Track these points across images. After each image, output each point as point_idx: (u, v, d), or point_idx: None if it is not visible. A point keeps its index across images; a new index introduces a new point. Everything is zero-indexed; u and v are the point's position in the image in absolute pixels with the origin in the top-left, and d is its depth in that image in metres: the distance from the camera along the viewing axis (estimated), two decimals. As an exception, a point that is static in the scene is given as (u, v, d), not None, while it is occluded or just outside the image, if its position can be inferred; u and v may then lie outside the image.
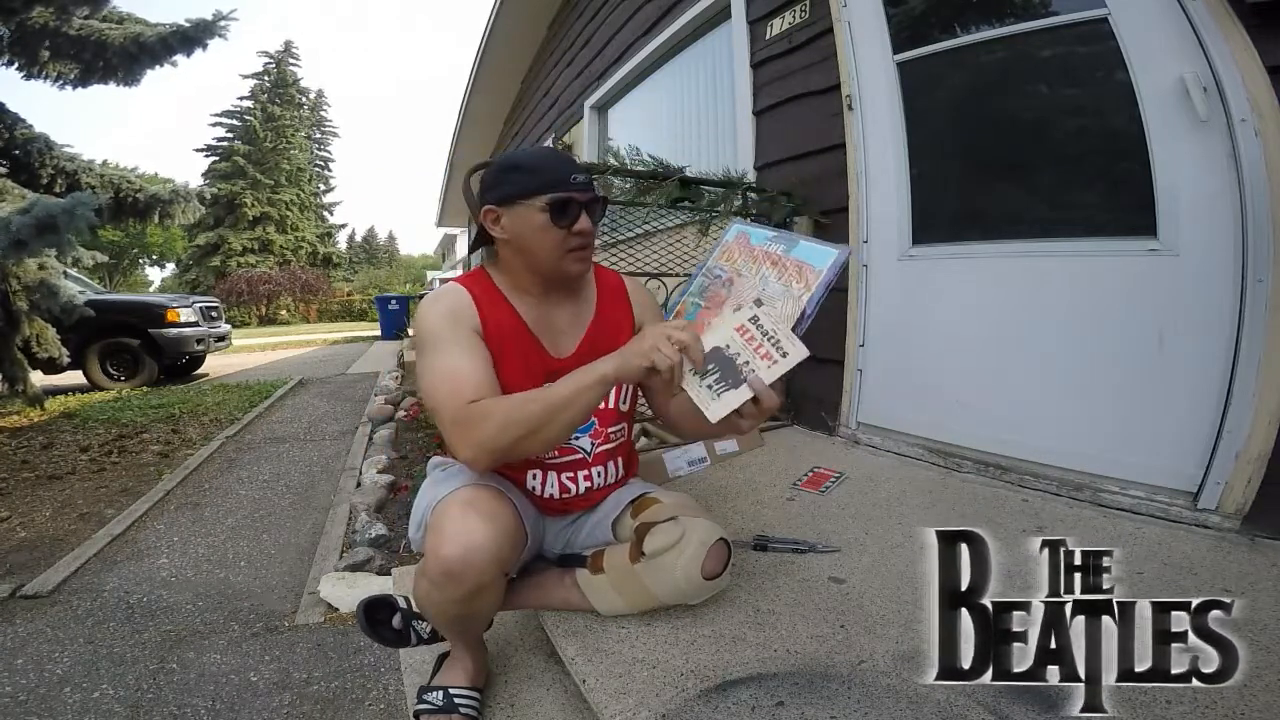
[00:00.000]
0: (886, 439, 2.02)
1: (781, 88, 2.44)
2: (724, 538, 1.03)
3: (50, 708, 1.25)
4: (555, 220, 0.98)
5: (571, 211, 0.98)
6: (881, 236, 2.06)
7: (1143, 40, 1.46)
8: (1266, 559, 1.19)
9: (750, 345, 0.84)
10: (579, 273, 1.04)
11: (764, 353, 0.83)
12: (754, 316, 0.85)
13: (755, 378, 0.83)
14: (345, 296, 25.54)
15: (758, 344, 0.83)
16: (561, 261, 1.01)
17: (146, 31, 4.63)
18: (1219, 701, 0.79)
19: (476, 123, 7.99)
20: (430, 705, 1.04)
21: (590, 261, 1.07)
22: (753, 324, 0.85)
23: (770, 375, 0.83)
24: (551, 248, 0.99)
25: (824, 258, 0.88)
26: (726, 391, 0.84)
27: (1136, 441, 1.50)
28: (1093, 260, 1.59)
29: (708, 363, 0.85)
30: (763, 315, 0.85)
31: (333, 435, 3.55)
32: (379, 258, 45.71)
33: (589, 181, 1.01)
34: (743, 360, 0.84)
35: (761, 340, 0.83)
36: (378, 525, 2.05)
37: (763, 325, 0.85)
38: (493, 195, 1.01)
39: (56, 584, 1.76)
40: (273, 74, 30.04)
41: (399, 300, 11.04)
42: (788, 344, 0.83)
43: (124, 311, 5.63)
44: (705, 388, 0.85)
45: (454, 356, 0.94)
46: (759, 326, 0.85)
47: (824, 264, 0.87)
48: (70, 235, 3.11)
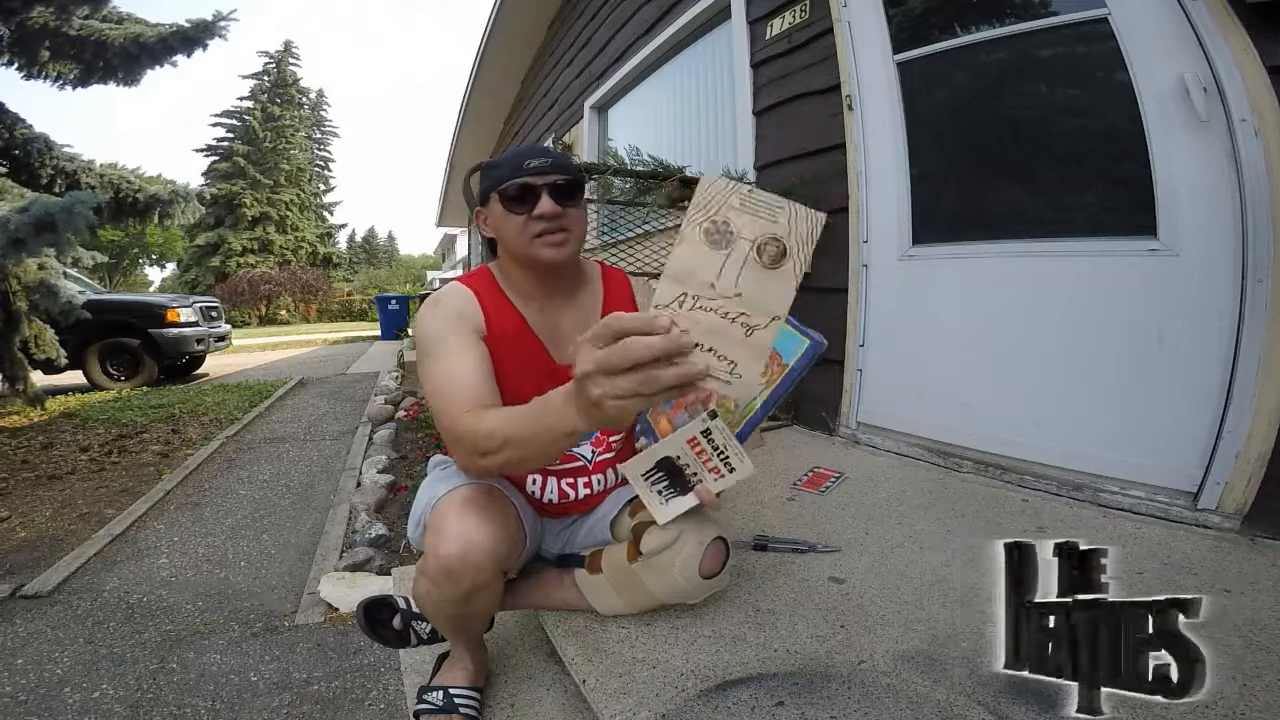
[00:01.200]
0: (886, 439, 2.02)
1: (781, 88, 2.44)
2: (722, 536, 1.03)
3: (50, 708, 1.25)
4: (510, 208, 0.98)
5: (528, 197, 0.97)
6: (881, 236, 2.06)
7: (1143, 40, 1.46)
8: (1266, 559, 1.19)
9: (700, 459, 0.88)
10: (551, 259, 0.99)
11: (712, 467, 0.88)
12: (706, 430, 0.85)
13: (703, 488, 0.88)
14: (345, 296, 25.53)
15: (707, 458, 0.87)
16: (530, 248, 0.98)
17: (146, 32, 4.63)
18: (1219, 701, 0.79)
19: (476, 123, 8.00)
20: (430, 705, 1.04)
21: (568, 247, 1.00)
22: (704, 437, 0.85)
23: (716, 487, 0.88)
24: (515, 235, 0.99)
25: (795, 348, 0.89)
26: (674, 499, 0.89)
27: (1136, 441, 1.50)
28: (1093, 260, 1.59)
29: (657, 470, 0.89)
30: (715, 429, 0.85)
31: (333, 435, 3.55)
32: (379, 258, 45.73)
33: (550, 165, 0.98)
34: (691, 471, 0.88)
35: (711, 454, 0.87)
36: (378, 525, 2.05)
37: (714, 439, 0.85)
38: (478, 197, 1.06)
39: (56, 584, 1.76)
40: (273, 74, 30.04)
41: (399, 300, 11.04)
42: (735, 460, 0.86)
43: (124, 311, 5.63)
44: (655, 492, 0.90)
45: (451, 360, 0.93)
46: (710, 440, 0.85)
47: (792, 357, 0.89)
48: (69, 235, 3.11)
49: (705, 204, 0.57)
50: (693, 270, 0.57)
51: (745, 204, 0.57)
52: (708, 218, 0.57)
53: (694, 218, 0.57)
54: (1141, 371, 1.49)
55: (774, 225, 0.57)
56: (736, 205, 0.57)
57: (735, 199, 0.57)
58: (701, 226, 0.57)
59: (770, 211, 0.57)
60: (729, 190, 0.57)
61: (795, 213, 0.57)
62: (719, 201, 0.57)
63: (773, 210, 0.57)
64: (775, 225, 0.57)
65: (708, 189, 0.57)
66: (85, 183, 4.49)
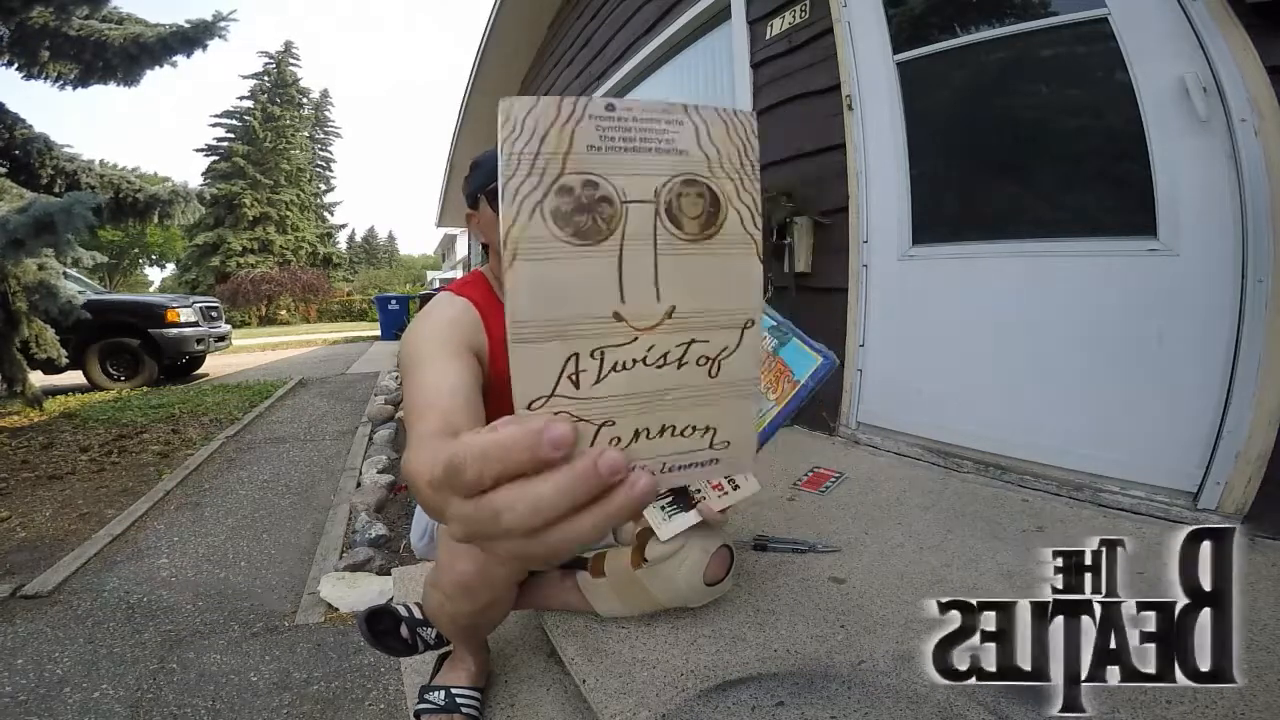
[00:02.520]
0: (886, 439, 2.02)
1: (781, 88, 2.44)
2: (727, 545, 1.03)
3: (50, 708, 1.25)
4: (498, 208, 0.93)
5: None
6: (881, 236, 2.06)
7: (1143, 40, 1.46)
8: (1266, 559, 1.19)
9: None
10: None
11: (716, 484, 0.85)
12: None
13: (705, 504, 0.86)
14: (345, 296, 25.54)
15: None
16: None
17: (146, 32, 4.63)
18: (1219, 701, 0.79)
19: (476, 122, 7.99)
20: (432, 705, 1.04)
21: None
22: None
23: (720, 504, 0.86)
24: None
25: (806, 365, 0.87)
26: (677, 515, 0.87)
27: (1136, 441, 1.50)
28: (1092, 260, 1.59)
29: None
30: None
31: (333, 435, 3.55)
32: (379, 258, 45.71)
33: None
34: (694, 488, 0.86)
35: None
36: (378, 525, 2.05)
37: None
38: (466, 198, 0.99)
39: (56, 584, 1.76)
40: (273, 74, 30.02)
41: (399, 300, 11.04)
42: (740, 477, 0.84)
43: (124, 311, 5.63)
44: (658, 509, 0.88)
45: (426, 376, 0.77)
46: None
47: (804, 373, 0.88)
48: (68, 235, 3.11)
49: (530, 157, 0.25)
50: (566, 297, 0.26)
51: (610, 134, 0.26)
52: (548, 183, 0.25)
53: (519, 190, 0.25)
54: (1141, 371, 1.49)
55: (678, 158, 0.28)
56: (594, 140, 0.26)
57: (587, 129, 0.26)
58: (543, 205, 0.25)
59: (659, 133, 0.27)
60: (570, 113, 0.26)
61: (705, 122, 0.28)
62: (555, 143, 0.25)
63: (666, 129, 0.28)
64: (681, 157, 0.28)
65: (524, 117, 0.25)
66: (85, 183, 4.49)
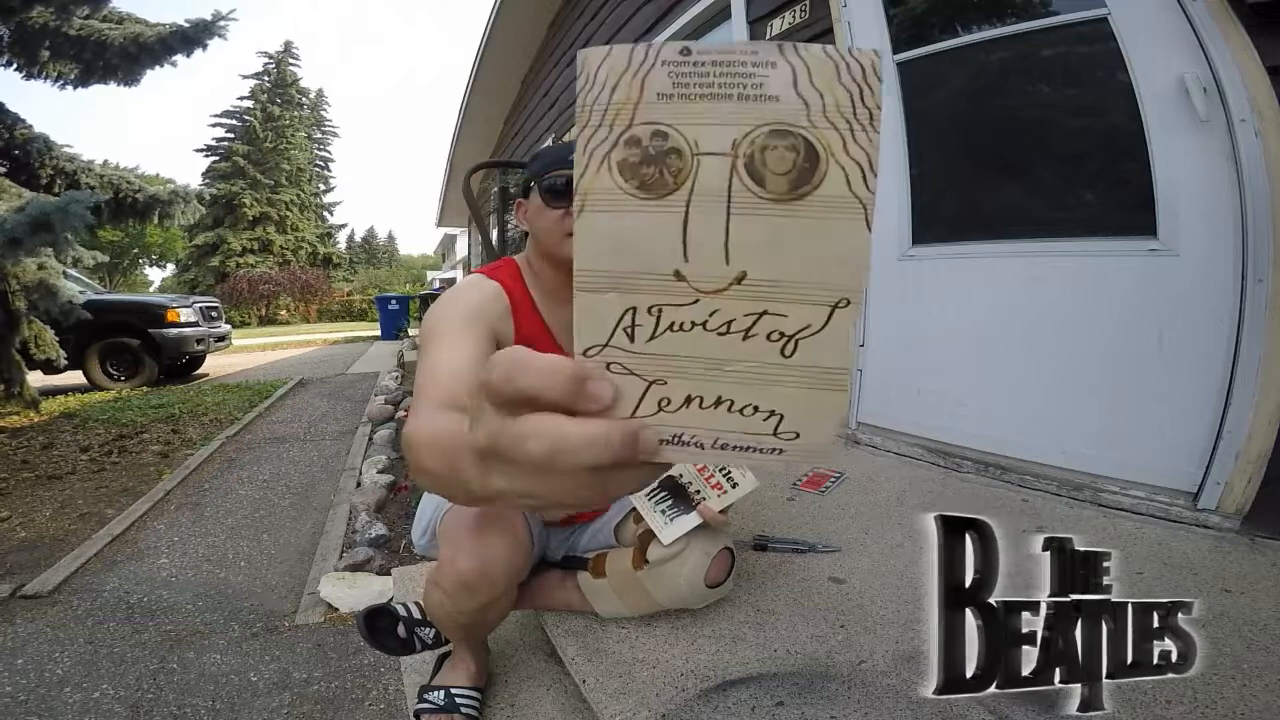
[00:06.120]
0: (886, 439, 2.02)
1: (781, 88, 2.44)
2: (728, 546, 1.03)
3: (50, 708, 1.25)
4: (549, 201, 0.93)
5: (568, 191, 0.90)
6: (881, 236, 2.06)
7: (1143, 40, 1.46)
8: (1266, 559, 1.19)
9: (702, 475, 0.87)
10: None
11: (715, 483, 0.87)
12: None
13: (705, 505, 0.87)
14: (345, 297, 25.53)
15: (709, 474, 0.87)
16: (562, 246, 0.93)
17: (146, 31, 4.63)
18: (1219, 701, 0.79)
19: (476, 123, 7.99)
20: (431, 704, 1.04)
21: None
22: None
23: (720, 504, 0.87)
24: (549, 231, 0.93)
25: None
26: (679, 517, 0.88)
27: (1136, 441, 1.50)
28: (1092, 260, 1.59)
29: (660, 489, 0.88)
30: None
31: (333, 435, 3.55)
32: (379, 258, 45.68)
33: None
34: (694, 489, 0.87)
35: (713, 470, 0.86)
36: (378, 525, 2.05)
37: None
38: (520, 186, 1.00)
39: (56, 584, 1.76)
40: (273, 74, 30.03)
41: (399, 300, 11.03)
42: (739, 475, 0.85)
43: (124, 311, 5.63)
44: (659, 511, 0.89)
45: (443, 352, 0.78)
46: None
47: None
48: (66, 234, 3.11)
49: (601, 109, 0.24)
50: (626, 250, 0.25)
51: (685, 80, 0.24)
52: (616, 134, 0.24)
53: (590, 142, 0.24)
54: (1141, 371, 1.49)
55: (766, 105, 0.23)
56: (666, 88, 0.24)
57: (658, 76, 0.24)
58: (610, 157, 0.24)
59: (745, 77, 0.24)
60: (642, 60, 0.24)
61: (806, 64, 0.23)
62: (625, 92, 0.24)
63: (754, 72, 0.24)
64: (770, 104, 0.23)
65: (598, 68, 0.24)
66: (85, 183, 4.49)
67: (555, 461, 0.23)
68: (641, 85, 0.24)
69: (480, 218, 2.81)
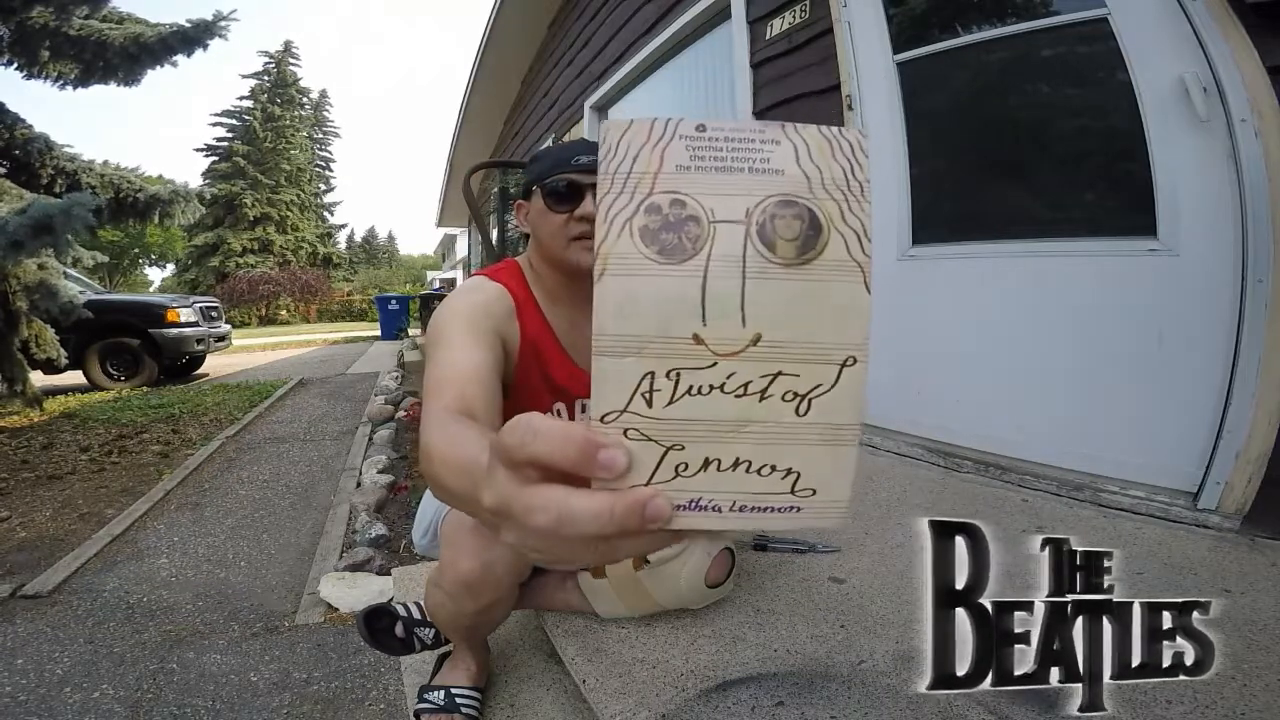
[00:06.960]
0: (886, 439, 2.02)
1: (781, 88, 2.44)
2: (729, 546, 1.03)
3: (50, 708, 1.25)
4: (551, 205, 0.91)
5: (571, 194, 0.89)
6: (881, 236, 2.06)
7: (1143, 40, 1.46)
8: (1266, 559, 1.19)
9: None
10: (589, 265, 0.96)
11: None
12: None
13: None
14: (345, 297, 25.56)
15: None
16: (566, 250, 0.91)
17: (146, 31, 4.63)
18: (1219, 701, 0.79)
19: (476, 123, 8.00)
20: (431, 704, 1.04)
21: None
22: None
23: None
24: (552, 235, 0.92)
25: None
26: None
27: (1136, 441, 1.50)
28: (1092, 260, 1.59)
29: None
30: None
31: (333, 435, 3.55)
32: (379, 258, 45.70)
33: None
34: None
35: None
36: (378, 525, 2.05)
37: None
38: (521, 187, 0.99)
39: (56, 584, 1.76)
40: (273, 74, 30.05)
41: (399, 300, 11.04)
42: None
43: (124, 311, 5.63)
44: None
45: (453, 353, 0.78)
46: None
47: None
48: (68, 236, 3.11)
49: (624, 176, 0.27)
50: (645, 314, 0.26)
51: (700, 153, 0.27)
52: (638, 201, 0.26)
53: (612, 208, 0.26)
54: (1141, 371, 1.49)
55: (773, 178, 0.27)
56: (684, 160, 0.27)
57: (677, 149, 0.27)
58: (632, 223, 0.26)
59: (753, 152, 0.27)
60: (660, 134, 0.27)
61: (805, 141, 0.27)
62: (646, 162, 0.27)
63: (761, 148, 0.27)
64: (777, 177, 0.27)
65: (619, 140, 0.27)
66: (85, 183, 4.49)
67: (560, 532, 0.25)
68: (661, 157, 0.27)
69: (480, 218, 2.81)
